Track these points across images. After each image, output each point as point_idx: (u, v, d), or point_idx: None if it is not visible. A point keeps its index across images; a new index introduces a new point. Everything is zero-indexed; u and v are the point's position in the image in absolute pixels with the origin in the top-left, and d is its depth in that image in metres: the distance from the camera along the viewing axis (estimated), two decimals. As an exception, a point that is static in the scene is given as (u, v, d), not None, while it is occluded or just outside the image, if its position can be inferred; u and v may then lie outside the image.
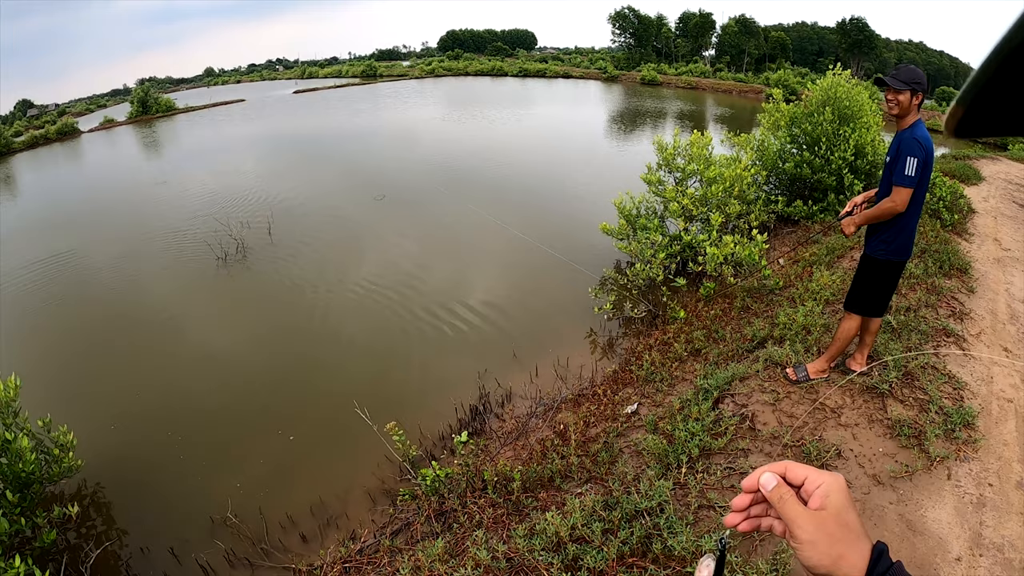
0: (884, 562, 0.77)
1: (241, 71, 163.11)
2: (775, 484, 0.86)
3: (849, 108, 10.25)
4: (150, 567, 4.84)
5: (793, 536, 0.81)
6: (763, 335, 5.97)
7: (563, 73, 72.86)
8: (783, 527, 0.86)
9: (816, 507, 0.81)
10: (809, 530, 0.80)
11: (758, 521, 0.91)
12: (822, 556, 0.79)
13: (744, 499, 0.91)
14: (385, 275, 10.44)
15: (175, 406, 6.98)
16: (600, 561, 3.21)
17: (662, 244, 8.30)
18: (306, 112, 43.18)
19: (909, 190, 3.86)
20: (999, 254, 8.25)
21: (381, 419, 5.32)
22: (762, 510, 0.91)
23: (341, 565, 4.16)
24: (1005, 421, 4.36)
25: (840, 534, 0.79)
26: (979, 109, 0.50)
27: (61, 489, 5.69)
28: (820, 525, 0.80)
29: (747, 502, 0.91)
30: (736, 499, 0.91)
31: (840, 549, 0.78)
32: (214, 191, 17.60)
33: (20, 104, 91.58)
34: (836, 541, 0.79)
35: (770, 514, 0.90)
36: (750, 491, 0.89)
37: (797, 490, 0.85)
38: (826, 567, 0.78)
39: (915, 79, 3.84)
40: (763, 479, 0.87)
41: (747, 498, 0.90)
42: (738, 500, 0.91)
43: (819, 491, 0.82)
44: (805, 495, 0.84)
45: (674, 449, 4.26)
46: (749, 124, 26.44)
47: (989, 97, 0.48)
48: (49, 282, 11.26)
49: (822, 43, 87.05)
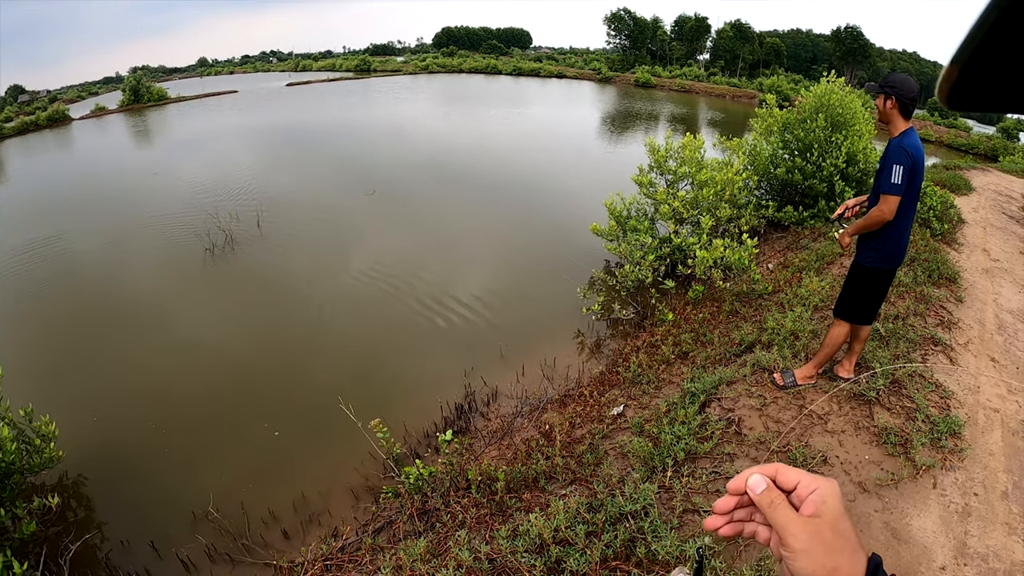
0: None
1: (235, 62, 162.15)
2: (764, 487, 0.80)
3: (842, 115, 10.27)
4: (130, 560, 4.79)
5: (785, 544, 0.76)
6: (751, 340, 5.96)
7: (557, 73, 72.78)
8: (768, 534, 0.81)
9: (810, 514, 0.76)
10: (803, 538, 0.74)
11: (741, 526, 0.85)
12: (816, 567, 0.73)
13: (728, 501, 0.85)
14: (373, 271, 10.39)
15: (159, 398, 6.91)
16: (583, 564, 3.18)
17: (652, 246, 8.30)
18: (299, 105, 42.97)
19: (896, 198, 3.85)
20: (988, 264, 8.29)
21: (366, 416, 5.29)
22: (747, 514, 0.85)
23: (322, 562, 4.12)
24: (991, 431, 4.37)
25: (836, 544, 0.74)
26: (976, 70, 0.44)
27: (42, 480, 5.62)
28: (815, 533, 0.74)
29: (731, 505, 0.85)
30: (719, 501, 0.85)
31: (836, 560, 0.73)
32: (203, 182, 17.48)
33: (11, 89, 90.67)
34: (831, 551, 0.73)
35: (755, 519, 0.84)
36: (736, 493, 0.83)
37: (787, 495, 0.80)
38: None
39: (888, 82, 3.83)
40: (751, 481, 0.81)
41: (731, 500, 0.84)
42: (721, 503, 0.85)
43: (813, 497, 0.77)
44: (796, 500, 0.78)
45: (659, 452, 4.24)
46: (742, 129, 26.46)
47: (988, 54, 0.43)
48: (33, 270, 11.13)
49: (816, 50, 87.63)
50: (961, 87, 0.46)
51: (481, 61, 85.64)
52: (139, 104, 47.87)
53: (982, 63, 0.43)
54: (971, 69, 0.44)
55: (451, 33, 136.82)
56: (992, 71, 0.44)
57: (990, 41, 0.42)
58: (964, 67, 0.45)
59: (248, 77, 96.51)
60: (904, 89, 3.79)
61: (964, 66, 0.44)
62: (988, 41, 0.42)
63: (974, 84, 0.45)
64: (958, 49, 0.44)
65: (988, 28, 0.41)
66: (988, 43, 0.42)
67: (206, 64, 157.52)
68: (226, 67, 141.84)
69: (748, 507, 0.84)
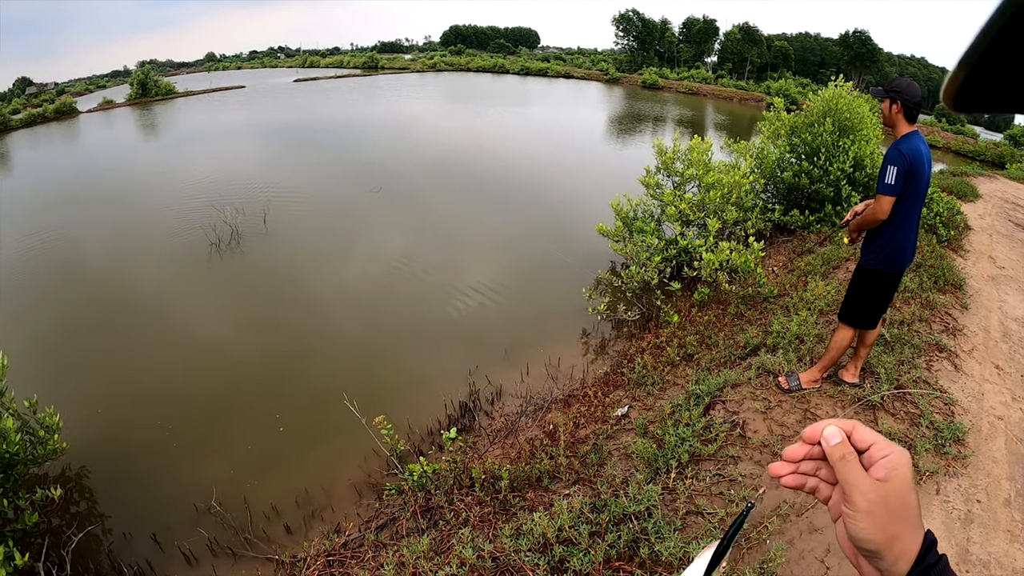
0: (933, 555, 0.73)
1: (242, 57, 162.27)
2: (840, 440, 0.78)
3: (849, 120, 10.25)
4: (132, 553, 4.79)
5: (850, 502, 0.74)
6: (756, 343, 5.96)
7: (564, 73, 72.71)
8: (829, 492, 0.80)
9: (880, 477, 0.74)
10: (871, 499, 0.73)
11: (805, 479, 0.84)
12: (878, 531, 0.72)
13: (799, 450, 0.83)
14: (378, 268, 10.41)
15: (163, 391, 6.93)
16: (586, 564, 3.19)
17: (658, 247, 8.29)
18: (305, 101, 43.03)
19: (888, 198, 3.87)
20: (994, 272, 8.27)
21: (370, 412, 5.29)
22: (813, 468, 0.83)
23: (325, 558, 4.13)
24: (995, 438, 4.37)
25: (900, 512, 0.73)
26: (983, 74, 0.45)
27: (45, 471, 5.63)
28: (882, 497, 0.73)
29: (801, 454, 0.83)
30: (789, 448, 0.84)
31: (896, 528, 0.72)
32: (210, 176, 17.50)
33: (19, 81, 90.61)
34: (895, 518, 0.72)
35: (820, 475, 0.83)
36: (809, 442, 0.82)
37: (860, 455, 0.78)
38: (878, 544, 0.72)
39: (892, 87, 3.85)
40: (827, 432, 0.79)
41: (802, 449, 0.83)
42: (791, 450, 0.83)
43: (885, 461, 0.75)
44: (868, 462, 0.77)
45: (663, 454, 4.24)
46: (749, 132, 26.46)
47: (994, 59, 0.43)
48: (39, 261, 11.17)
49: (824, 54, 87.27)
50: (966, 90, 0.47)
51: (489, 60, 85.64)
52: (147, 98, 48.06)
53: (988, 68, 0.44)
54: (977, 73, 0.45)
55: (459, 32, 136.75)
56: (997, 75, 0.44)
57: (996, 47, 0.42)
58: (970, 72, 0.45)
59: (256, 73, 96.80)
60: (908, 93, 3.80)
61: (970, 71, 0.45)
62: (994, 47, 0.42)
63: (979, 87, 0.46)
64: (964, 54, 0.45)
65: (994, 34, 0.42)
66: (994, 49, 0.42)
67: (214, 59, 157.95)
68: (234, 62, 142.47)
69: (816, 460, 0.83)
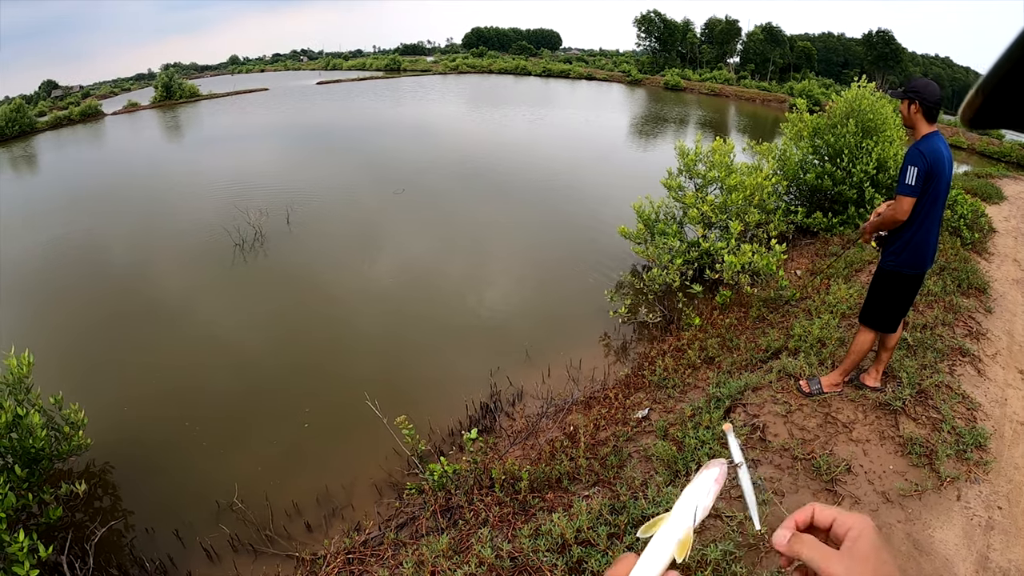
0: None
1: (265, 60, 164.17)
2: (788, 539, 0.79)
3: (873, 121, 10.15)
4: (154, 548, 4.89)
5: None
6: (778, 346, 5.94)
7: (587, 75, 72.53)
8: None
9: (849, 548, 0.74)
10: (840, 569, 0.72)
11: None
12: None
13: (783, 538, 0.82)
14: (401, 269, 10.49)
15: (187, 389, 7.05)
16: (605, 565, 3.19)
17: (680, 250, 8.28)
18: (328, 103, 43.39)
19: (908, 199, 3.84)
20: (1019, 275, 8.15)
21: (391, 412, 5.34)
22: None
23: (345, 556, 4.17)
24: (1017, 444, 4.32)
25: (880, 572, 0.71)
26: (1000, 99, 0.45)
27: (69, 467, 5.76)
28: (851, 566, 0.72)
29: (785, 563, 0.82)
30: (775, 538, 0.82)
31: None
32: (233, 178, 17.75)
33: (45, 84, 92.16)
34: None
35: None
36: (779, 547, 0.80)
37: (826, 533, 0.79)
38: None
39: (911, 87, 3.82)
40: (774, 539, 0.80)
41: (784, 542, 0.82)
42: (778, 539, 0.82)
43: (852, 533, 0.75)
44: (835, 540, 0.77)
45: (683, 456, 4.24)
46: (771, 133, 26.24)
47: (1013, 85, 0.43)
48: (66, 260, 11.40)
49: (848, 55, 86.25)
50: (983, 114, 0.47)
51: (511, 62, 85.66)
52: (171, 100, 48.76)
53: (1005, 93, 0.45)
54: (995, 98, 0.45)
55: (481, 34, 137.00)
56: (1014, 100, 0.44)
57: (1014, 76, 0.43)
58: (988, 96, 0.46)
59: (278, 75, 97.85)
60: (926, 93, 3.77)
61: (988, 96, 0.46)
62: (1012, 76, 0.43)
63: (994, 111, 0.46)
64: (983, 80, 0.45)
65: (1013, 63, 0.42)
66: (1012, 77, 0.43)
67: (237, 62, 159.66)
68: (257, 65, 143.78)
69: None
